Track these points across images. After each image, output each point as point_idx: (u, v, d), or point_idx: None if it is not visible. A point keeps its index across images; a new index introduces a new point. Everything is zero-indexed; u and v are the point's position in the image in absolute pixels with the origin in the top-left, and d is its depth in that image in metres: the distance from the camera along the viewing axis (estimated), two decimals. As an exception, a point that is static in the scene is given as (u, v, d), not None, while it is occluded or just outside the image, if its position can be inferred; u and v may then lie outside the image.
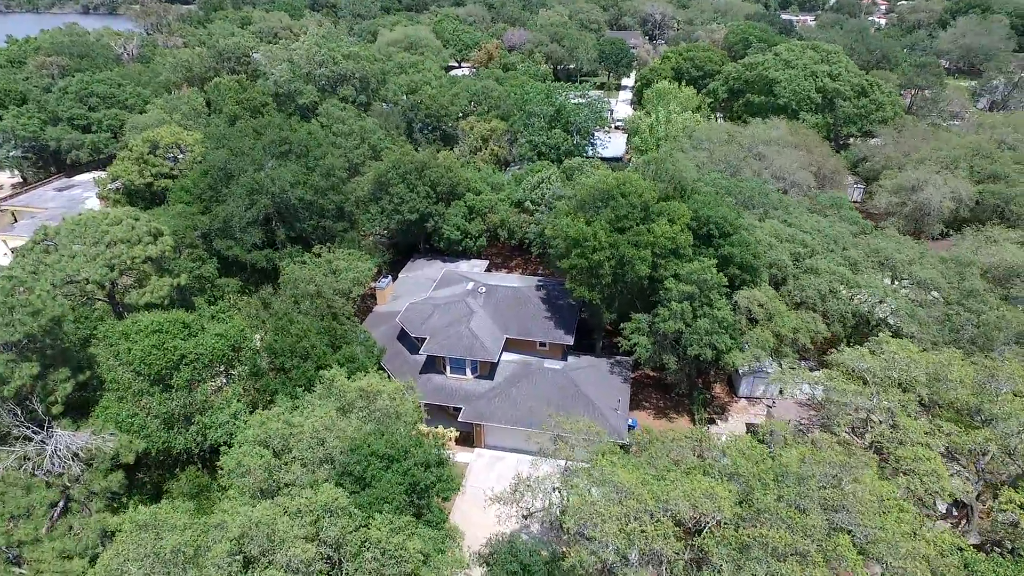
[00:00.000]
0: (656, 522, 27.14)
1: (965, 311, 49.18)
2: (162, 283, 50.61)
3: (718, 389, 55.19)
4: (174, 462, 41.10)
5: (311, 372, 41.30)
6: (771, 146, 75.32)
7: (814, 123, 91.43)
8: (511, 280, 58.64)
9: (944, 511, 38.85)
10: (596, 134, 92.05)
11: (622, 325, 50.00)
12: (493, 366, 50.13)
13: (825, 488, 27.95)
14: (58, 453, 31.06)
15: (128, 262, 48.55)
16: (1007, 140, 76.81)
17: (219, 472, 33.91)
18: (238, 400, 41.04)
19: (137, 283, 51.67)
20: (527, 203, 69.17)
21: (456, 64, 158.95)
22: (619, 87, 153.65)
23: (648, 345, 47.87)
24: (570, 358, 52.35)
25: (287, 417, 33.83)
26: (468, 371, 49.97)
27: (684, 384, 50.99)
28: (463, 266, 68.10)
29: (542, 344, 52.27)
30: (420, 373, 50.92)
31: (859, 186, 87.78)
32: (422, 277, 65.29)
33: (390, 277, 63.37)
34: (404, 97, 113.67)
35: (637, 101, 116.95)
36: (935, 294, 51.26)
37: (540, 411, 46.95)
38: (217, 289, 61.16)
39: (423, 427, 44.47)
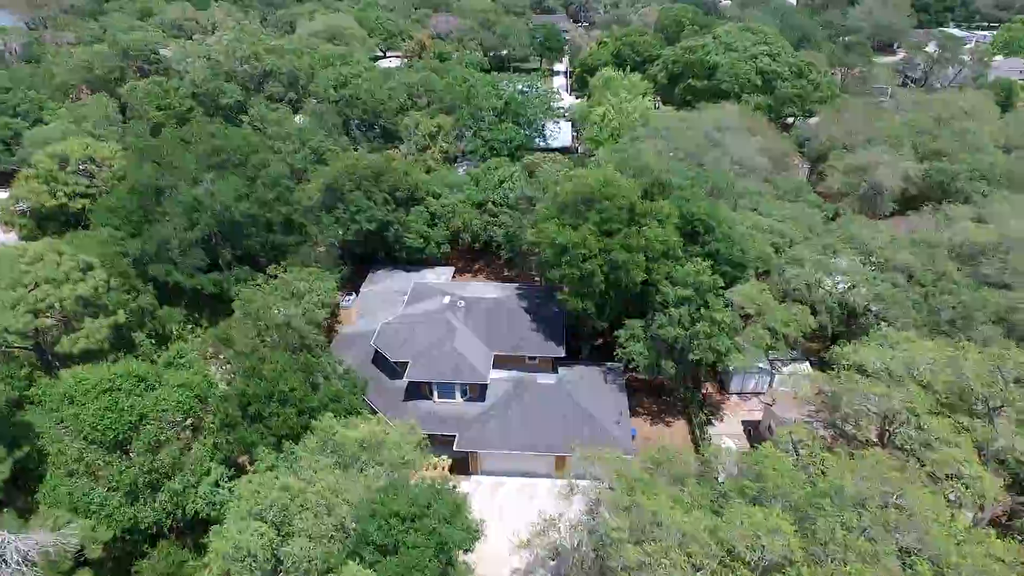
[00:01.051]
0: (723, 566, 25.11)
1: (941, 293, 50.04)
2: (98, 325, 44.42)
3: (708, 387, 54.18)
4: (142, 535, 35.79)
5: (293, 419, 36.82)
6: (726, 132, 74.97)
7: (755, 105, 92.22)
8: (489, 290, 55.34)
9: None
10: (546, 125, 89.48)
11: (616, 332, 47.89)
12: (483, 387, 46.91)
13: (884, 507, 26.75)
14: (7, 559, 25.70)
15: (56, 304, 42.17)
16: (943, 117, 79.71)
17: (208, 553, 29.33)
18: (211, 458, 36.13)
19: (64, 325, 45.14)
20: (489, 204, 65.78)
21: (382, 54, 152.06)
22: (552, 72, 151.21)
23: (645, 353, 45.98)
24: (560, 369, 49.83)
25: (284, 481, 29.57)
26: (457, 394, 46.58)
27: (682, 389, 49.54)
28: (429, 275, 64.09)
29: (531, 358, 49.45)
30: (404, 400, 47.11)
31: (804, 166, 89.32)
32: (387, 290, 60.92)
33: (354, 294, 58.68)
34: (334, 91, 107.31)
35: (578, 88, 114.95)
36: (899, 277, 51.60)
37: (540, 432, 44.38)
38: (158, 322, 54.90)
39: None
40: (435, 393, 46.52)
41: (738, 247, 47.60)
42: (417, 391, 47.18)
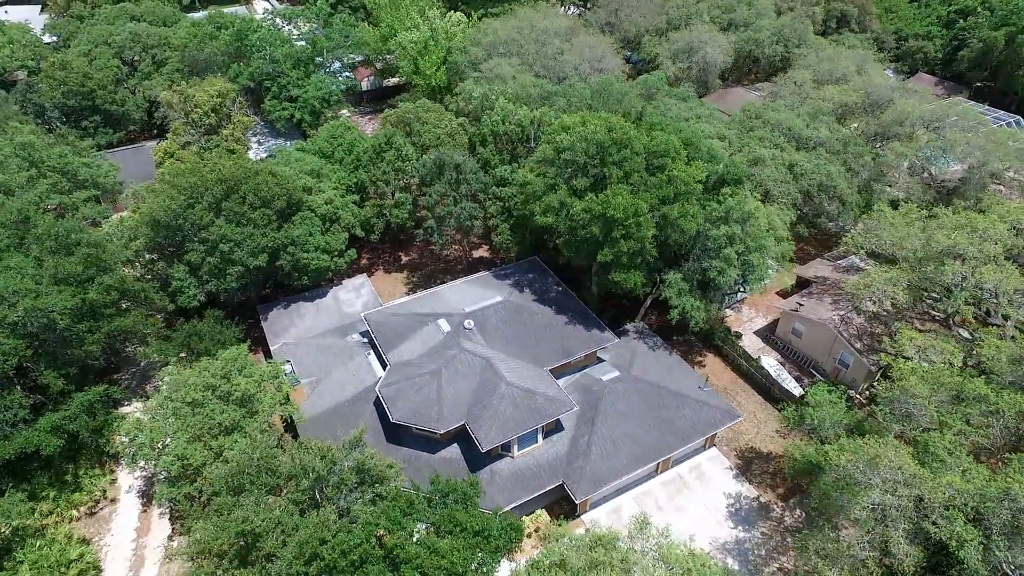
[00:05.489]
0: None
1: (855, 157, 54.33)
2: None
3: (700, 310, 52.41)
4: None
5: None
6: (565, 39, 69.29)
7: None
8: (476, 293, 43.46)
9: None
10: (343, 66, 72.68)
11: (666, 295, 41.86)
12: (558, 413, 37.86)
13: None
14: None
15: None
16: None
17: None
18: None
19: None
20: (380, 184, 51.35)
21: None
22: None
23: (699, 305, 41.49)
24: (601, 354, 42.78)
25: None
26: (539, 437, 36.91)
27: (719, 327, 46.69)
28: (343, 295, 49.14)
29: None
30: (473, 471, 35.79)
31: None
32: (308, 336, 44.81)
33: (290, 361, 41.60)
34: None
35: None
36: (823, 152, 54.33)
37: (645, 436, 38.15)
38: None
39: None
40: (515, 448, 36.11)
41: (730, 164, 44.44)
42: (487, 455, 36.13)
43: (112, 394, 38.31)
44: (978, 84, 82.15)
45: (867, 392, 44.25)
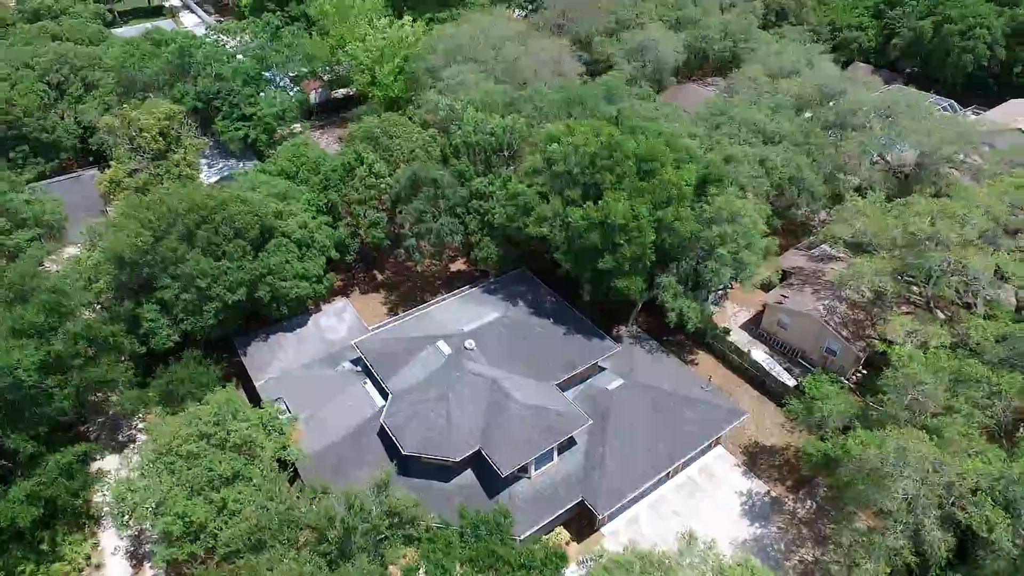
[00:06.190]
0: None
1: (818, 149, 55.80)
2: None
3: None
4: None
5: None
6: (520, 43, 68.58)
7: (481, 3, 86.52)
8: (476, 312, 41.99)
9: None
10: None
11: (662, 298, 41.73)
12: (570, 428, 37.17)
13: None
14: None
15: None
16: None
17: None
18: None
19: None
20: (355, 205, 49.36)
21: None
22: (178, 8, 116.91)
23: (696, 307, 41.62)
24: (603, 362, 42.33)
25: None
26: (555, 455, 36.11)
27: (712, 326, 46.97)
28: (324, 321, 46.94)
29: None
30: (491, 497, 34.71)
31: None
32: (295, 367, 42.62)
33: (281, 398, 39.26)
34: None
35: (252, 15, 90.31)
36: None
37: (656, 442, 37.99)
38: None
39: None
40: (532, 468, 35.19)
41: (716, 165, 44.71)
42: (504, 478, 35.05)
43: (91, 452, 35.20)
44: (909, 71, 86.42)
45: (855, 378, 45.57)
